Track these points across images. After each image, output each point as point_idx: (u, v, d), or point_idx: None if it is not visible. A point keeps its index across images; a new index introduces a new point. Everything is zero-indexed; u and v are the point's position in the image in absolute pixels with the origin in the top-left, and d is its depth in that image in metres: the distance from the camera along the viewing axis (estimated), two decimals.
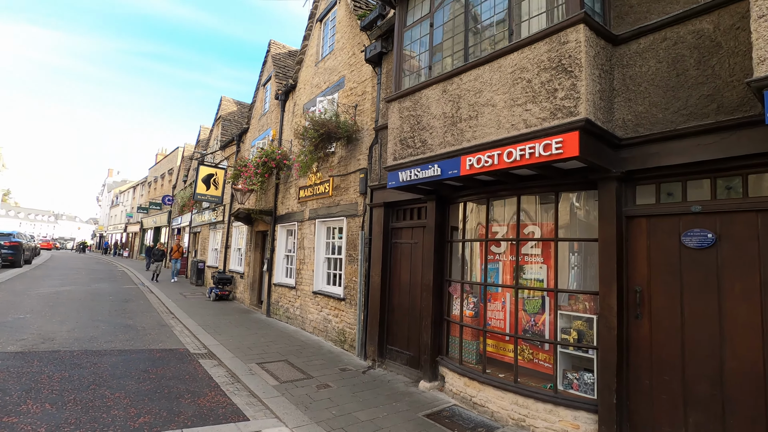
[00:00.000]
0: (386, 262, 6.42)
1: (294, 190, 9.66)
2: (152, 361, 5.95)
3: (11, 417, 3.68)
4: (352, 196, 7.42)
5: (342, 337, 7.28)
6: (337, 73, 8.44)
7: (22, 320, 7.81)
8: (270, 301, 10.23)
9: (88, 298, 11.39)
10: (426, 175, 4.60)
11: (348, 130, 7.02)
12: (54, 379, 4.76)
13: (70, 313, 8.99)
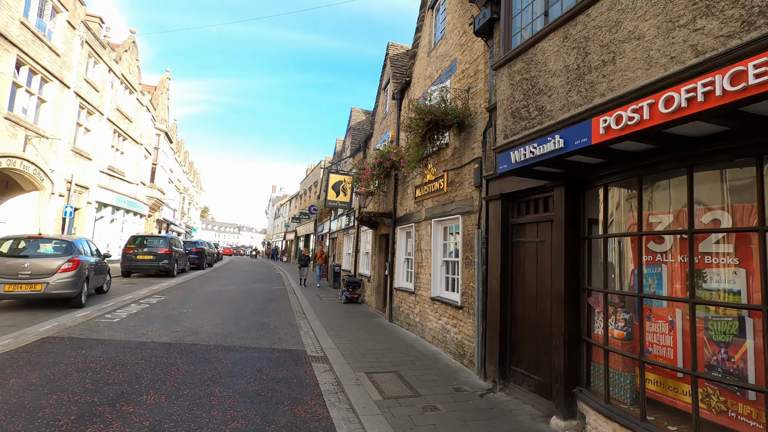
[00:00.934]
0: (506, 265, 5.37)
1: (411, 189, 9.20)
2: (270, 360, 6.07)
3: (129, 406, 3.94)
4: (467, 191, 6.55)
5: (461, 351, 6.43)
6: (449, 58, 7.69)
7: (183, 314, 9.03)
8: (392, 306, 9.93)
9: (241, 296, 12.86)
10: (544, 151, 3.54)
11: (458, 116, 6.21)
12: (180, 372, 5.12)
13: (222, 309, 10.13)
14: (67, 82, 16.37)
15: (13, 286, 8.20)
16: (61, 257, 8.92)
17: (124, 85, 22.32)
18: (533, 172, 4.15)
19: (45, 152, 15.34)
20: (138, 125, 24.86)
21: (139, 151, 25.32)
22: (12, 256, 8.60)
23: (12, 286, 8.19)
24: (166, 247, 16.77)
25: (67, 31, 16.21)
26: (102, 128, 19.81)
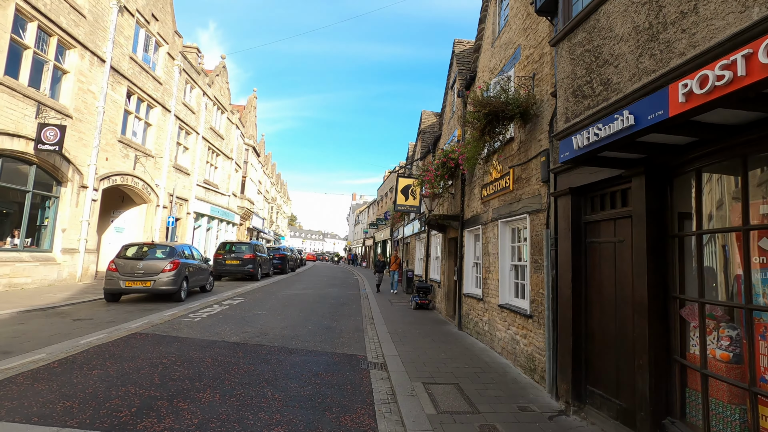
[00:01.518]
0: (579, 269, 4.70)
1: (477, 189, 8.68)
2: (328, 365, 6.03)
3: (184, 402, 4.09)
4: (534, 187, 5.93)
5: (531, 365, 5.79)
6: (512, 45, 7.11)
7: (257, 316, 9.48)
8: (461, 313, 9.43)
9: (315, 300, 13.23)
10: (611, 131, 2.97)
11: (520, 105, 5.65)
12: (240, 372, 5.26)
13: (294, 312, 10.46)
14: (168, 106, 18.46)
15: (131, 282, 10.25)
16: (166, 260, 10.72)
17: (216, 106, 24.62)
18: (602, 160, 3.54)
19: (151, 169, 17.40)
20: (229, 142, 27.24)
21: (230, 165, 27.70)
22: (132, 259, 10.68)
23: (130, 282, 10.25)
24: (251, 252, 17.99)
25: (168, 62, 18.31)
26: (198, 146, 22.01)
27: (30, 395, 3.93)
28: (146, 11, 16.22)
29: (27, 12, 10.76)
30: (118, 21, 14.38)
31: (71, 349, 5.51)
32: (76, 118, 12.77)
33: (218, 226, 26.59)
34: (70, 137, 12.43)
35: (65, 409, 3.68)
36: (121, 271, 10.28)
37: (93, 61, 13.33)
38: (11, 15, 10.25)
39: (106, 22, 13.83)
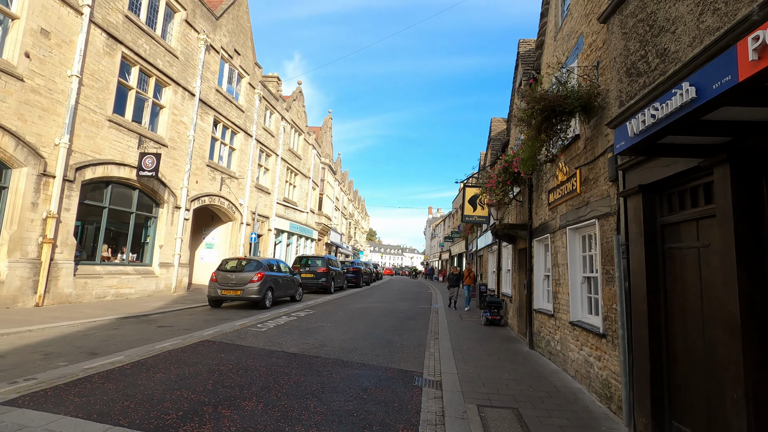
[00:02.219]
0: (655, 280, 3.99)
1: (544, 195, 7.99)
2: (379, 380, 5.83)
3: (228, 410, 4.18)
4: (602, 188, 5.25)
5: (607, 391, 5.03)
6: (575, 35, 6.49)
7: (321, 328, 9.63)
8: (532, 330, 8.66)
9: (382, 314, 13.16)
10: (668, 110, 2.45)
11: (581, 98, 5.06)
12: (289, 382, 5.30)
13: (358, 325, 10.47)
14: (250, 131, 20.06)
15: (226, 291, 11.98)
16: (252, 272, 12.16)
17: (293, 128, 26.23)
18: (665, 149, 2.97)
19: (235, 190, 18.94)
20: (306, 161, 28.78)
21: (307, 184, 29.20)
22: (227, 271, 12.44)
23: (225, 291, 11.98)
24: (324, 266, 18.58)
25: (249, 91, 19.98)
26: (277, 166, 23.54)
27: (98, 393, 4.31)
28: (229, 47, 17.93)
29: (131, 58, 12.47)
30: (206, 58, 16.05)
31: (145, 353, 6.01)
32: (171, 147, 14.38)
33: (297, 241, 28.02)
34: (165, 163, 14.02)
35: (122, 409, 3.96)
36: (219, 281, 12.13)
37: (184, 96, 14.98)
38: (118, 62, 11.94)
39: (195, 60, 15.52)
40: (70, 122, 10.35)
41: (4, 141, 8.89)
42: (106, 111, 11.54)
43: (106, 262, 12.27)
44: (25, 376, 4.64)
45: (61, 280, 10.30)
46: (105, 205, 12.03)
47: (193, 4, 15.15)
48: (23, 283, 9.38)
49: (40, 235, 9.78)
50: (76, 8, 10.44)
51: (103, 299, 11.60)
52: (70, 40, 10.39)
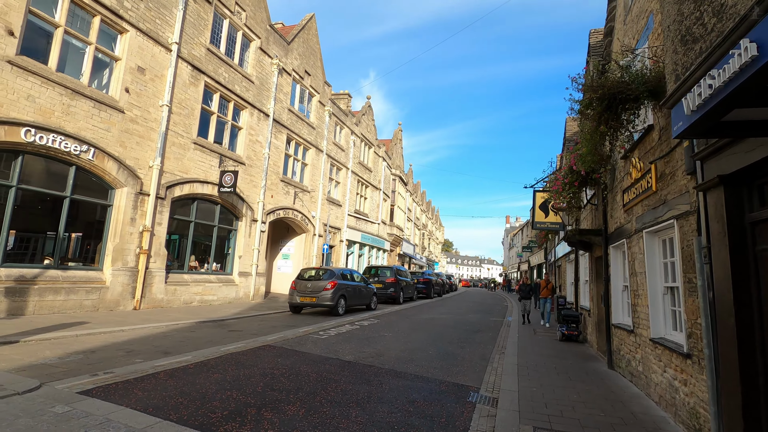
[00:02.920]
0: (745, 289, 3.30)
1: (619, 196, 7.16)
2: (430, 393, 5.59)
3: (270, 413, 4.26)
4: (680, 183, 4.54)
5: (695, 422, 4.27)
6: (644, 14, 5.79)
7: (381, 337, 9.56)
8: (611, 347, 7.74)
9: (449, 325, 12.75)
10: (726, 77, 2.01)
11: (646, 82, 4.44)
12: (336, 390, 5.28)
13: (421, 336, 10.23)
14: (320, 147, 21.00)
15: (303, 298, 12.85)
16: (326, 280, 12.79)
17: (363, 142, 26.95)
18: (730, 127, 2.44)
19: (307, 203, 19.86)
20: (376, 173, 29.33)
21: (378, 195, 29.68)
22: (304, 279, 13.27)
23: (302, 298, 12.85)
24: (392, 276, 18.60)
25: (319, 109, 20.98)
26: (348, 179, 24.29)
27: (159, 389, 4.66)
28: (300, 69, 19.04)
29: (212, 86, 13.79)
30: (278, 81, 17.21)
31: (210, 355, 6.43)
32: (248, 164, 15.54)
33: (369, 252, 28.49)
34: (243, 180, 15.17)
35: (175, 404, 4.23)
36: (297, 289, 13.04)
37: (260, 117, 16.16)
38: (202, 90, 13.26)
39: (269, 83, 16.71)
40: (162, 146, 11.67)
41: (108, 165, 10.27)
42: (191, 134, 12.85)
43: (192, 271, 13.52)
44: (105, 370, 5.19)
45: (154, 287, 11.54)
46: (192, 219, 13.31)
47: (266, 32, 16.39)
48: (123, 289, 10.66)
49: (137, 247, 11.08)
50: (166, 46, 11.84)
51: (190, 305, 12.76)
52: (162, 74, 11.78)
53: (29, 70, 8.62)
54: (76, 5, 9.69)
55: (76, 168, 9.74)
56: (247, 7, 15.31)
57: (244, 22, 15.21)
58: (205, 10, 13.33)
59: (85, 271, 10.08)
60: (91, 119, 9.88)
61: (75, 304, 9.49)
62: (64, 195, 9.56)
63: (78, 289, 9.58)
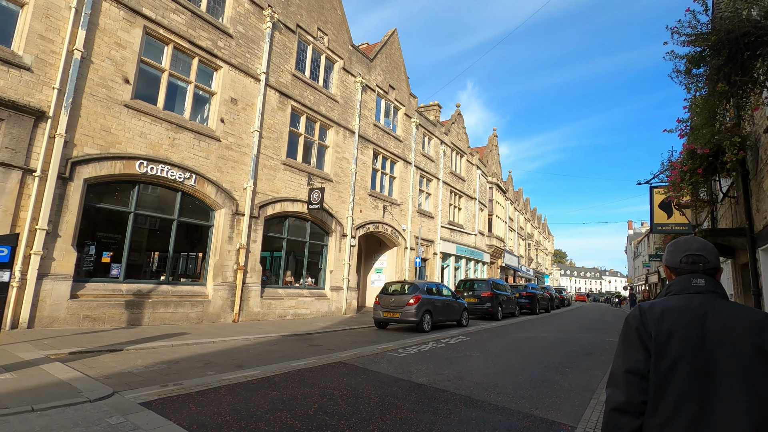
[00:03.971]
0: None
1: (767, 182, 5.41)
2: (509, 429, 4.69)
3: None
4: None
5: None
6: None
7: (467, 358, 8.68)
8: None
9: (551, 346, 11.21)
10: None
11: None
12: (394, 418, 4.71)
13: (514, 358, 9.08)
14: (408, 159, 20.83)
15: (387, 313, 12.43)
16: (409, 295, 12.23)
17: (454, 151, 26.15)
18: None
19: (397, 216, 19.73)
20: (471, 182, 28.16)
21: (473, 205, 28.41)
22: (388, 294, 12.86)
23: (386, 313, 12.44)
24: (488, 290, 17.32)
25: (405, 121, 20.90)
26: (439, 190, 23.67)
27: (213, 405, 4.63)
28: (384, 84, 19.23)
29: (299, 109, 14.54)
30: (362, 98, 17.56)
31: (278, 370, 6.37)
32: (336, 181, 15.98)
33: (467, 265, 27.25)
34: (331, 196, 15.61)
35: (220, 423, 4.11)
36: (381, 304, 12.66)
37: (345, 134, 16.60)
38: (289, 114, 14.05)
39: (353, 101, 17.13)
40: (254, 169, 12.54)
41: (208, 189, 11.31)
42: (281, 156, 13.63)
43: (287, 286, 14.17)
44: (176, 381, 5.40)
45: (251, 301, 12.29)
46: (284, 236, 14.03)
47: (348, 52, 16.91)
48: (224, 302, 11.52)
49: (235, 263, 11.94)
50: (255, 77, 12.81)
51: (284, 318, 13.33)
52: (252, 103, 12.74)
53: (141, 110, 9.92)
54: (179, 50, 10.99)
55: (182, 193, 10.89)
56: (329, 31, 15.98)
57: (327, 46, 15.87)
58: (290, 39, 14.20)
59: (191, 286, 11.13)
60: (192, 149, 11.01)
61: (182, 316, 10.48)
62: (172, 218, 10.72)
63: (185, 303, 10.58)
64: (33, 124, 8.15)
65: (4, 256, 4.92)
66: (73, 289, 8.64)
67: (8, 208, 7.79)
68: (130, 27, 9.78)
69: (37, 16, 8.32)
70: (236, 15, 12.36)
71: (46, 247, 8.22)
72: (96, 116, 9.11)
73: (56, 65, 8.49)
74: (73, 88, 8.66)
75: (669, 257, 1.68)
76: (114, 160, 9.35)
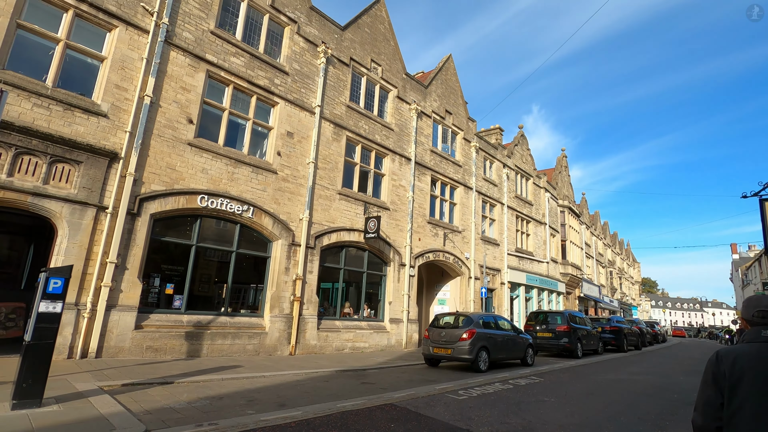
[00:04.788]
0: None
1: None
2: None
3: None
4: None
5: None
6: None
7: (539, 403, 7.52)
8: None
9: (644, 391, 9.51)
10: None
11: None
12: None
13: (595, 405, 7.73)
14: (469, 184, 20.04)
15: (437, 349, 11.20)
16: (463, 329, 11.04)
17: (519, 174, 24.83)
18: None
19: (459, 244, 18.81)
20: (539, 206, 26.42)
21: (543, 231, 26.52)
22: (439, 327, 11.60)
23: (437, 349, 11.21)
24: (564, 324, 15.57)
25: (464, 146, 20.28)
26: (504, 216, 22.39)
27: None
28: (440, 110, 18.92)
29: (354, 139, 14.61)
30: (418, 124, 17.35)
31: (321, 412, 5.85)
32: (393, 209, 15.65)
33: (539, 295, 25.16)
34: (388, 225, 15.26)
35: None
36: (431, 339, 11.45)
37: (401, 161, 16.36)
38: (344, 144, 14.15)
39: (408, 128, 16.96)
40: (310, 200, 12.63)
41: (265, 221, 11.50)
42: (336, 186, 13.64)
43: (344, 318, 13.81)
44: (212, 420, 5.10)
45: (308, 333, 12.06)
46: (341, 266, 13.82)
47: (402, 81, 16.92)
48: (280, 335, 11.39)
49: (291, 294, 11.86)
50: (310, 110, 13.12)
51: (341, 351, 12.90)
52: (307, 135, 13.00)
53: (203, 148, 10.45)
54: (238, 90, 11.58)
55: (240, 225, 11.16)
56: (382, 62, 16.15)
57: (381, 76, 16.01)
58: (344, 72, 14.50)
59: (249, 317, 11.17)
60: (250, 182, 11.33)
61: (239, 348, 10.47)
62: (231, 249, 10.98)
63: (242, 334, 10.59)
64: (107, 165, 8.82)
65: (58, 287, 5.06)
66: (138, 320, 8.96)
67: (83, 243, 8.36)
68: (195, 72, 10.50)
69: (114, 68, 9.18)
70: (292, 54, 12.89)
71: (114, 280, 8.67)
72: (162, 155, 9.71)
73: (128, 110, 9.24)
74: (143, 130, 9.33)
75: (744, 311, 2.10)
76: (178, 195, 9.83)
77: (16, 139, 7.73)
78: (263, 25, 12.36)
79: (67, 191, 8.28)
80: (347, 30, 14.87)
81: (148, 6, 9.75)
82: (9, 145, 7.68)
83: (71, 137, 8.35)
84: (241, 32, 11.72)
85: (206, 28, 10.86)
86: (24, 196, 7.78)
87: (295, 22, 13.05)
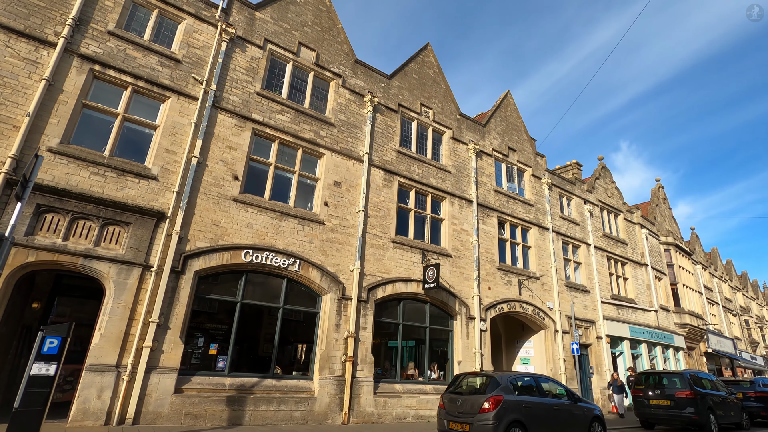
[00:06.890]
0: None
1: None
2: None
3: None
4: None
5: None
6: None
7: None
8: None
9: None
10: None
11: None
12: None
13: None
14: (544, 224, 17.99)
15: (453, 424, 8.26)
16: (485, 396, 8.13)
17: (605, 209, 22.01)
18: None
19: (538, 292, 16.53)
20: (634, 245, 22.91)
21: (645, 273, 22.72)
22: (454, 393, 8.88)
23: (452, 424, 8.28)
24: (685, 388, 12.25)
25: (534, 183, 18.53)
26: (591, 257, 19.59)
27: None
28: (502, 147, 17.70)
29: (406, 184, 13.93)
30: (478, 164, 16.26)
31: None
32: (455, 256, 14.30)
33: (650, 351, 20.96)
34: (451, 273, 13.88)
35: None
36: (446, 408, 8.65)
37: (462, 204, 15.19)
38: (396, 190, 13.50)
39: (467, 169, 15.93)
40: (360, 249, 11.92)
41: (312, 274, 10.94)
42: (389, 234, 12.84)
43: (406, 380, 12.31)
44: None
45: (362, 398, 10.78)
46: (399, 321, 12.59)
47: (457, 121, 16.23)
48: (331, 400, 10.28)
49: (343, 354, 10.85)
50: (358, 158, 12.84)
51: (403, 420, 11.30)
52: (356, 183, 12.61)
53: (249, 203, 10.45)
54: (284, 145, 11.71)
55: (287, 280, 10.70)
56: (434, 105, 15.71)
57: (433, 119, 15.50)
58: (392, 118, 14.24)
59: (296, 380, 10.30)
60: (296, 234, 11.00)
61: (285, 415, 9.54)
62: (278, 306, 10.47)
63: (288, 400, 9.70)
64: (154, 225, 9.05)
65: (53, 347, 4.74)
66: (178, 383, 8.58)
67: (127, 303, 8.40)
68: (241, 131, 10.83)
69: (165, 134, 9.73)
70: (337, 105, 12.97)
71: (156, 340, 8.49)
72: (208, 212, 9.82)
73: (177, 172, 9.59)
74: (189, 189, 9.57)
75: None
76: (222, 251, 9.73)
77: (72, 205, 8.24)
78: (308, 82, 12.69)
79: (116, 252, 8.52)
80: (394, 78, 14.81)
81: (198, 77, 10.44)
82: (66, 212, 8.19)
83: (122, 200, 8.75)
84: (286, 91, 12.08)
85: (252, 90, 11.33)
86: (76, 258, 8.11)
87: (340, 76, 13.26)
